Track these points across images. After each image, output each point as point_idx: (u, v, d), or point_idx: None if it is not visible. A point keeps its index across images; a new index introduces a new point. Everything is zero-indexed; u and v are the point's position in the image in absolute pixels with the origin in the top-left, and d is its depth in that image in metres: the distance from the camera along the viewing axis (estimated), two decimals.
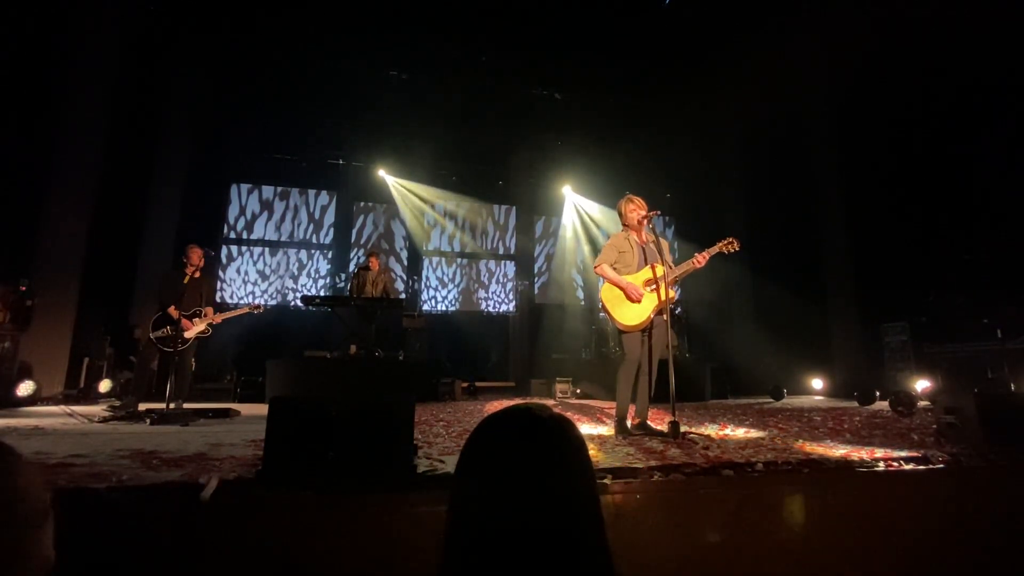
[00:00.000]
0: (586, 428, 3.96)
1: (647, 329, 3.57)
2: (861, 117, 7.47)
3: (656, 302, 3.50)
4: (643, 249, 3.68)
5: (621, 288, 3.55)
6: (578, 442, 0.76)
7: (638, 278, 3.59)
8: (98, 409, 4.92)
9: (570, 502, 0.71)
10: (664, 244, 3.69)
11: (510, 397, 7.93)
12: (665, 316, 3.50)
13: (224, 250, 9.64)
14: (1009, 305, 5.66)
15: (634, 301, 3.51)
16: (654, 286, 3.53)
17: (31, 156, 6.22)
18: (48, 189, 6.16)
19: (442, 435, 3.43)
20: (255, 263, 9.82)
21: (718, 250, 3.59)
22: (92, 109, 6.44)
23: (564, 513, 0.70)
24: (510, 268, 11.21)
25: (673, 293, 3.61)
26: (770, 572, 1.91)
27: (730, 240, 3.59)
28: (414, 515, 1.84)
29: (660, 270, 3.51)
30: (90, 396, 6.11)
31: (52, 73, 6.37)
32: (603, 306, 3.65)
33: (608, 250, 3.70)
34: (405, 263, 10.67)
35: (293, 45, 7.83)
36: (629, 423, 3.51)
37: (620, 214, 3.78)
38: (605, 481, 2.15)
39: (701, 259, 3.54)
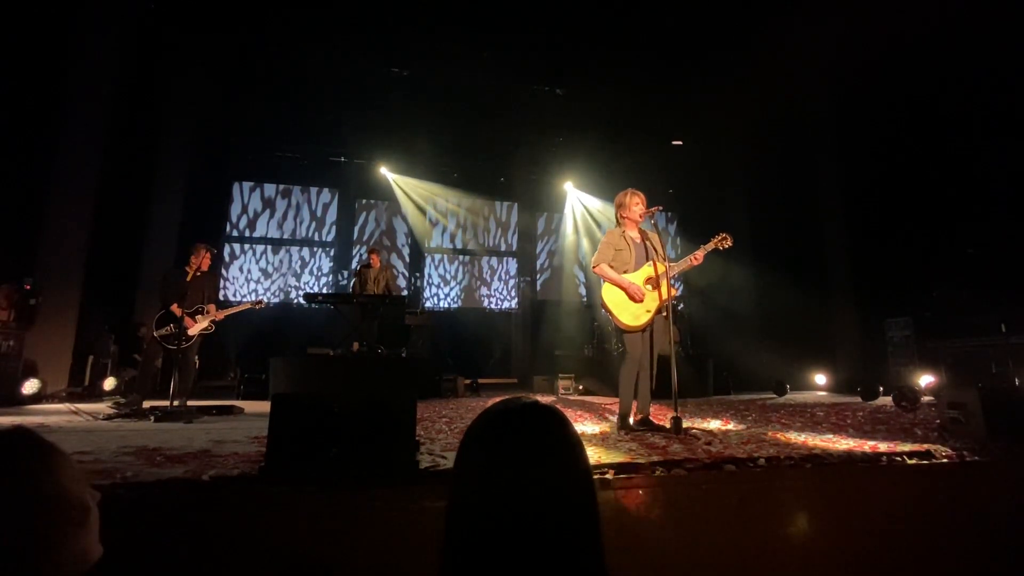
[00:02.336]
0: (589, 424, 3.96)
1: (648, 327, 3.57)
2: (863, 111, 7.43)
3: (658, 300, 3.49)
4: (640, 246, 3.66)
5: (623, 288, 3.50)
6: (568, 436, 0.78)
7: (638, 276, 3.56)
8: (103, 407, 4.95)
9: (560, 488, 0.73)
10: (655, 235, 3.69)
11: (512, 394, 7.87)
12: (665, 313, 3.49)
13: (227, 248, 9.66)
14: (1013, 299, 5.63)
15: (636, 301, 3.50)
16: (654, 285, 3.52)
17: (34, 154, 6.23)
18: (51, 188, 6.16)
19: (444, 431, 3.44)
20: (258, 261, 9.85)
21: (713, 247, 3.60)
22: (94, 108, 6.44)
23: (553, 499, 0.71)
24: (512, 265, 11.21)
25: (675, 290, 3.61)
26: (772, 567, 1.91)
27: (723, 236, 3.59)
28: (416, 510, 1.85)
29: (661, 267, 3.50)
30: (95, 394, 6.14)
31: (53, 72, 6.37)
32: (605, 307, 3.58)
33: (604, 248, 3.62)
34: (407, 260, 10.67)
35: (294, 42, 7.81)
36: (631, 419, 3.51)
37: (620, 206, 3.70)
38: (607, 476, 2.15)
39: (699, 256, 3.55)
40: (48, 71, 6.38)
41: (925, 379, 5.90)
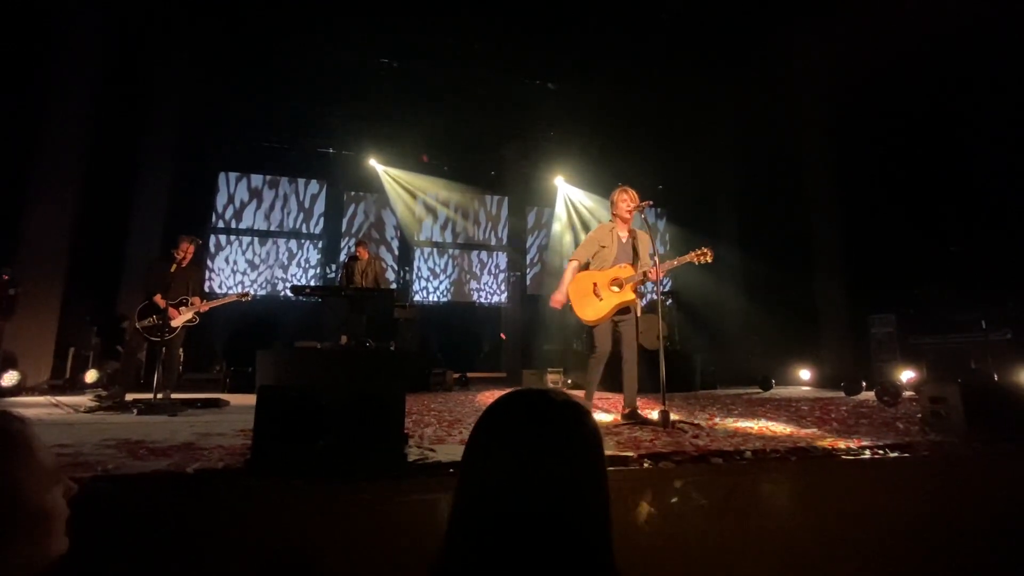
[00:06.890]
0: None
1: (616, 322, 3.64)
2: (854, 109, 7.49)
3: (618, 301, 3.56)
4: (624, 247, 3.73)
5: (564, 287, 3.68)
6: (590, 428, 0.76)
7: (605, 275, 3.64)
8: (84, 399, 4.85)
9: (574, 488, 0.71)
10: (646, 238, 3.75)
11: (502, 388, 7.93)
12: (659, 299, 3.54)
13: (212, 239, 9.52)
14: (993, 297, 5.74)
15: (557, 305, 3.71)
16: (619, 287, 3.58)
17: (14, 143, 6.08)
18: (32, 176, 6.03)
19: (433, 424, 3.43)
20: (244, 252, 9.73)
21: (689, 260, 3.51)
22: (77, 96, 6.30)
23: (567, 499, 0.70)
24: (502, 259, 11.19)
25: (636, 297, 3.61)
26: (758, 558, 1.93)
27: (703, 251, 3.46)
28: (404, 503, 1.84)
29: (628, 272, 3.59)
30: (76, 386, 6.03)
31: (35, 59, 6.21)
32: (568, 298, 3.70)
33: (588, 244, 3.74)
34: (396, 253, 10.61)
35: (282, 32, 7.68)
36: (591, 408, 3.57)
37: (612, 203, 3.80)
38: None
39: (652, 274, 3.50)
40: (30, 58, 6.22)
41: (907, 374, 5.99)
